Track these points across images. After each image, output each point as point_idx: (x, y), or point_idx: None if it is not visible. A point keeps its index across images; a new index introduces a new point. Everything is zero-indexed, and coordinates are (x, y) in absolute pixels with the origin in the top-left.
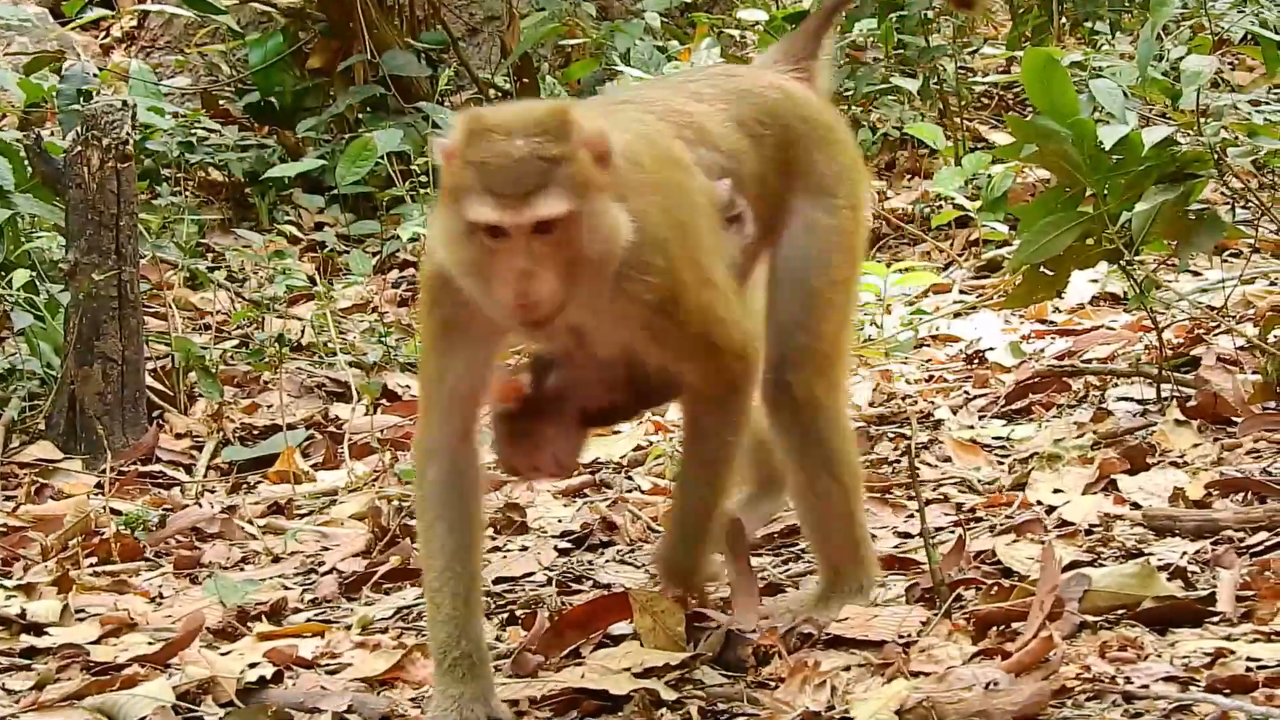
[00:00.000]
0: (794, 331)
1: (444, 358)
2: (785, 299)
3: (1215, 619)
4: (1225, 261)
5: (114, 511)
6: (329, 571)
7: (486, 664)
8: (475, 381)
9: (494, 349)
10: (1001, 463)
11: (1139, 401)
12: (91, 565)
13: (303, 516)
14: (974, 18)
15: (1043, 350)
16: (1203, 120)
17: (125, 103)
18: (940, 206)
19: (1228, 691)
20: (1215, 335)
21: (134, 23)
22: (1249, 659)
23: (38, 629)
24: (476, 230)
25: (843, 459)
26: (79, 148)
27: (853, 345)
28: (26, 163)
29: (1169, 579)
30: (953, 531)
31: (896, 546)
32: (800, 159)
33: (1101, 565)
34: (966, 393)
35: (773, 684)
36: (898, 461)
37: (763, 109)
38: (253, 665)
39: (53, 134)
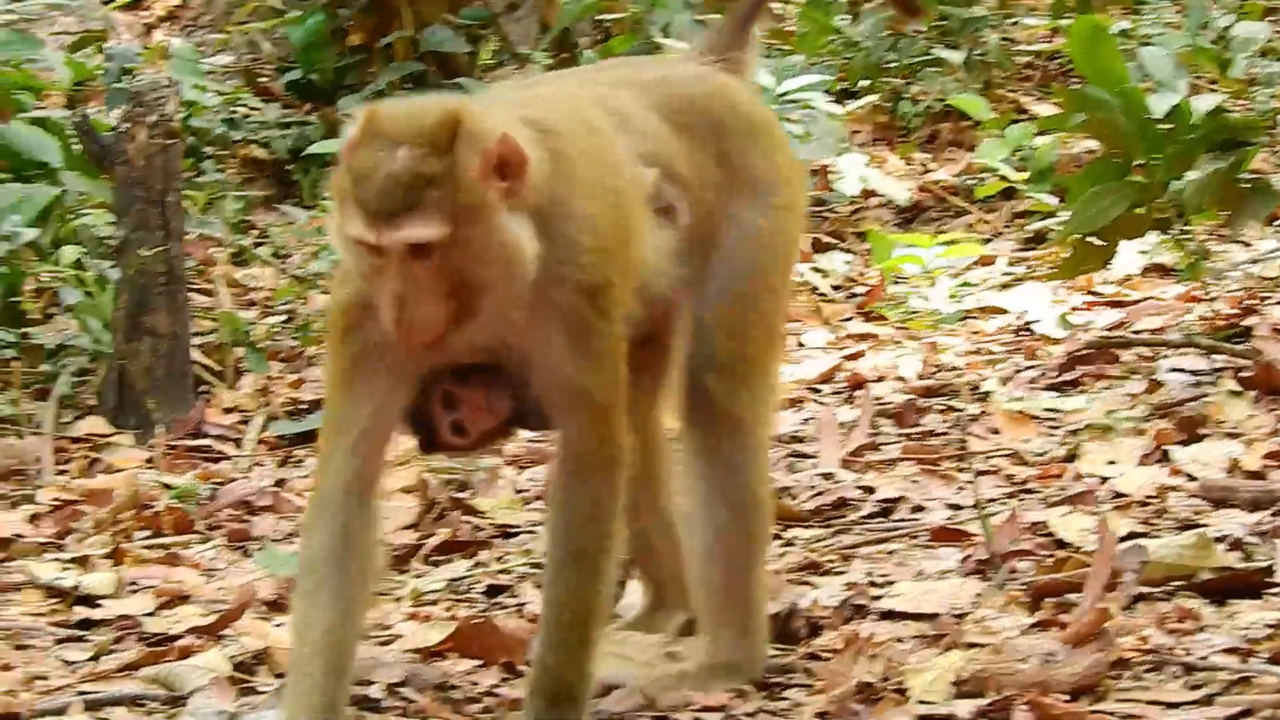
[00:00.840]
0: (717, 334)
1: (354, 396)
2: (710, 300)
3: (1274, 590)
4: (1277, 231)
5: (165, 485)
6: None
7: None
8: (384, 423)
9: (409, 384)
10: (1052, 434)
11: (1191, 372)
12: (143, 538)
13: None
14: None
15: (1092, 322)
16: (1253, 88)
17: (170, 80)
18: (985, 178)
19: None
20: (1268, 305)
21: (176, 1)
22: None
23: (92, 601)
24: (353, 244)
25: (752, 497)
26: (125, 125)
27: (780, 368)
28: (73, 140)
29: (1226, 550)
30: (1005, 503)
31: (948, 518)
32: (731, 155)
33: (1157, 537)
34: (1015, 365)
35: (826, 656)
36: (947, 434)
37: (686, 99)
38: None
39: (98, 112)
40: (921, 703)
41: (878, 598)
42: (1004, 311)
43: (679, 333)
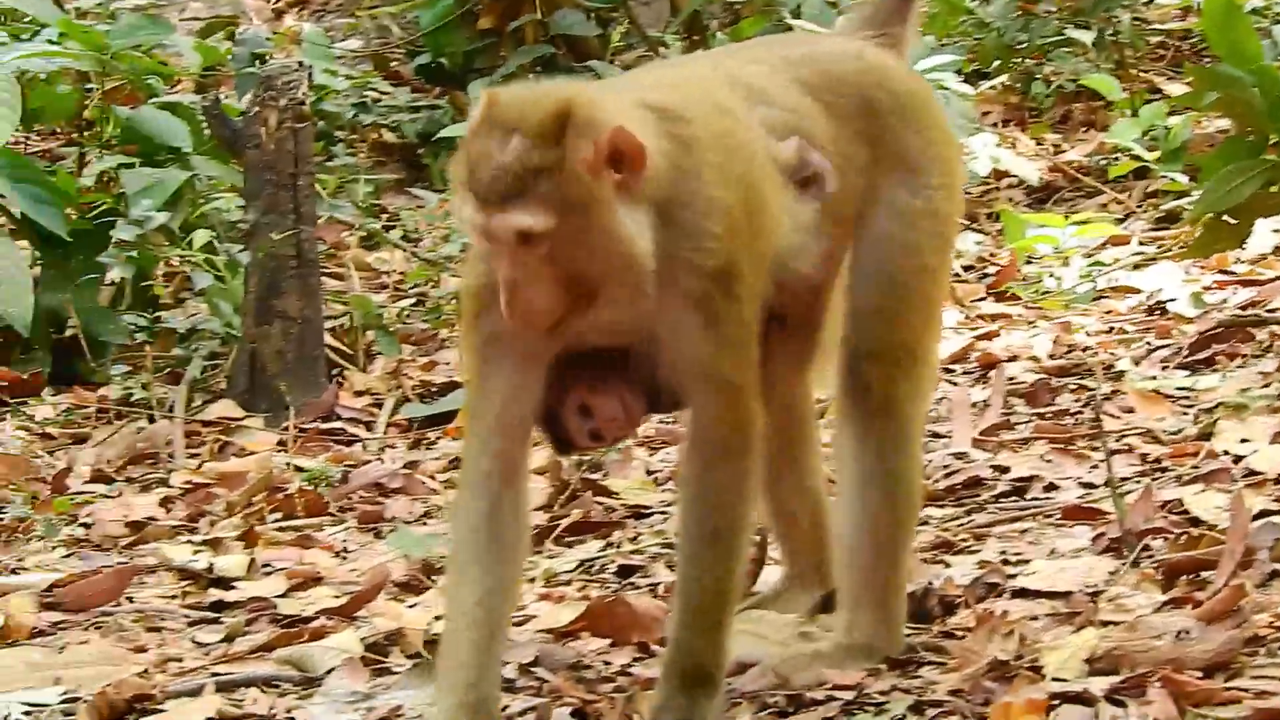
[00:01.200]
0: (875, 322)
1: (488, 382)
2: (867, 286)
3: None
4: None
5: (297, 468)
6: None
7: (496, 715)
8: (520, 405)
9: (541, 367)
10: (1186, 413)
11: None
12: (276, 521)
13: None
14: None
15: (1225, 300)
16: None
17: (301, 64)
18: (1117, 158)
19: None
20: None
21: None
22: None
23: (225, 583)
24: (467, 228)
25: (904, 481)
26: (256, 109)
27: (939, 349)
28: (205, 125)
29: None
30: (1138, 482)
31: (1081, 497)
32: (884, 134)
33: None
34: (1148, 344)
35: (959, 634)
36: (1080, 413)
37: (834, 77)
38: (438, 618)
39: (228, 97)
40: (1055, 680)
41: (1011, 576)
42: (1137, 291)
43: (829, 312)
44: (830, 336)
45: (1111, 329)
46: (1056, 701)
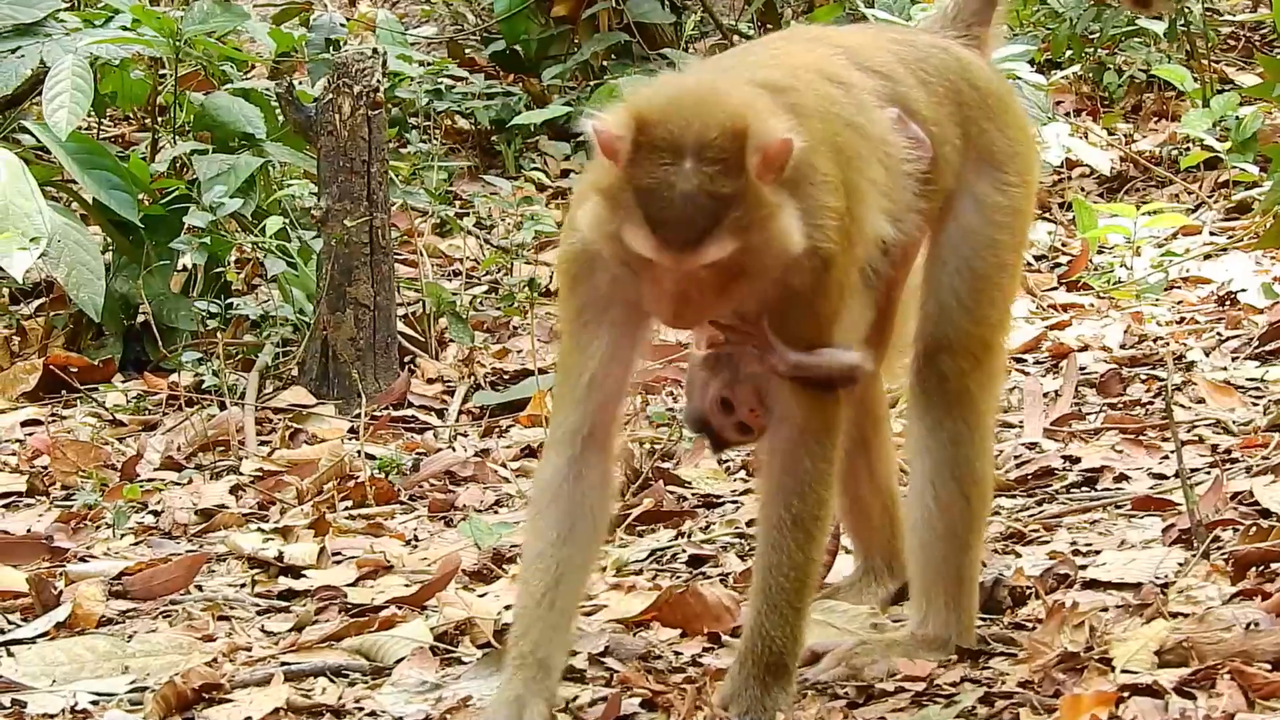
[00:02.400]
0: (956, 313)
1: (583, 345)
2: (948, 278)
3: None
4: None
5: (368, 456)
6: None
7: (555, 673)
8: (616, 371)
9: (640, 335)
10: (1256, 404)
11: None
12: (346, 509)
13: None
14: None
15: None
16: None
17: (375, 50)
18: (1189, 148)
19: None
20: None
21: None
22: None
23: (295, 571)
24: (636, 255)
25: (976, 472)
26: (330, 96)
27: (1009, 336)
28: (278, 111)
29: None
30: (1209, 472)
31: (1152, 488)
32: (970, 126)
33: None
34: (1219, 334)
35: (1030, 625)
36: (1151, 403)
37: (928, 61)
38: (508, 607)
39: (302, 83)
40: (1125, 672)
41: (1082, 567)
42: (1208, 281)
43: (900, 296)
44: (899, 331)
45: (1183, 319)
46: (1126, 694)
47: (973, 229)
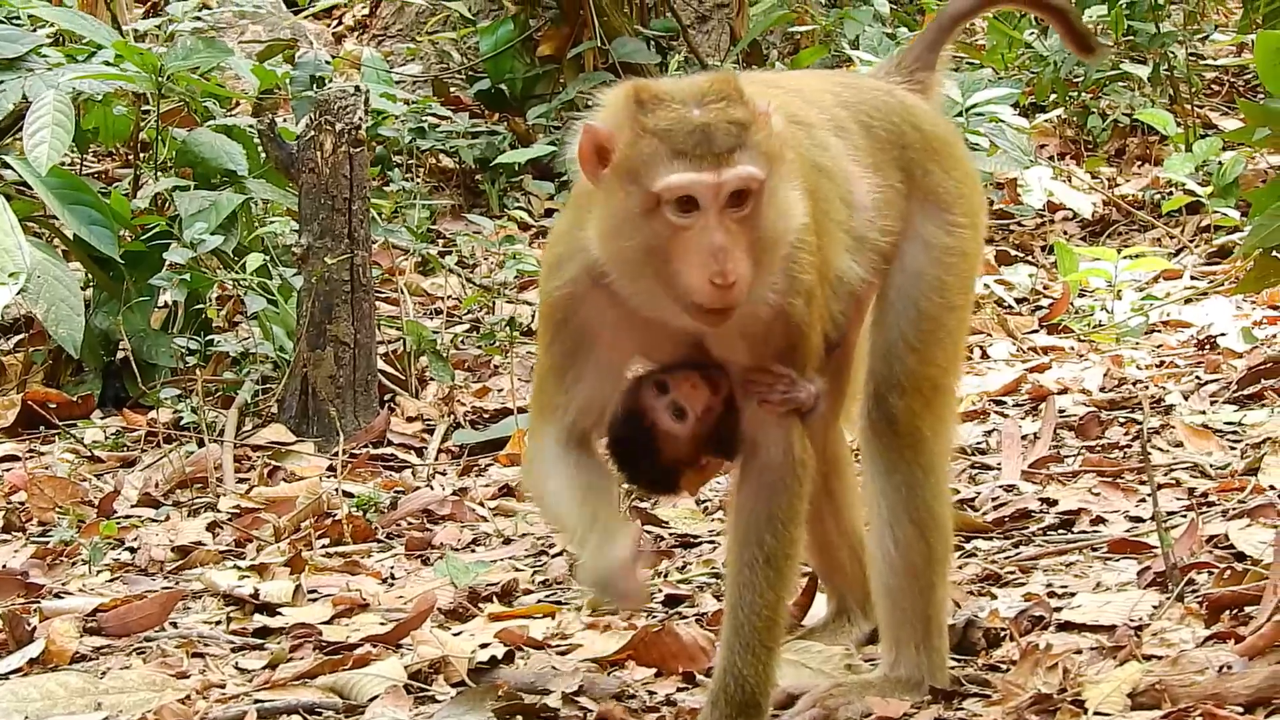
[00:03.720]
0: (903, 353)
1: (565, 386)
2: (895, 318)
3: None
4: None
5: (346, 494)
6: (559, 553)
7: (625, 525)
8: (603, 400)
9: (619, 377)
10: (1234, 448)
11: None
12: (323, 546)
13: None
14: (1204, 4)
15: (1275, 336)
16: None
17: (358, 88)
18: (1171, 192)
19: None
20: None
21: (365, 11)
22: None
23: (271, 609)
24: (661, 206)
25: (934, 514)
26: (312, 133)
27: (961, 383)
28: (260, 148)
29: None
30: (1185, 516)
31: (1128, 531)
32: (914, 168)
33: None
34: (1198, 378)
35: (1004, 666)
36: (1129, 446)
37: (870, 103)
38: (484, 645)
39: (286, 120)
40: (1098, 714)
41: (1057, 609)
42: (1188, 325)
43: (856, 344)
44: (856, 378)
45: (1162, 363)
46: None
47: (920, 270)
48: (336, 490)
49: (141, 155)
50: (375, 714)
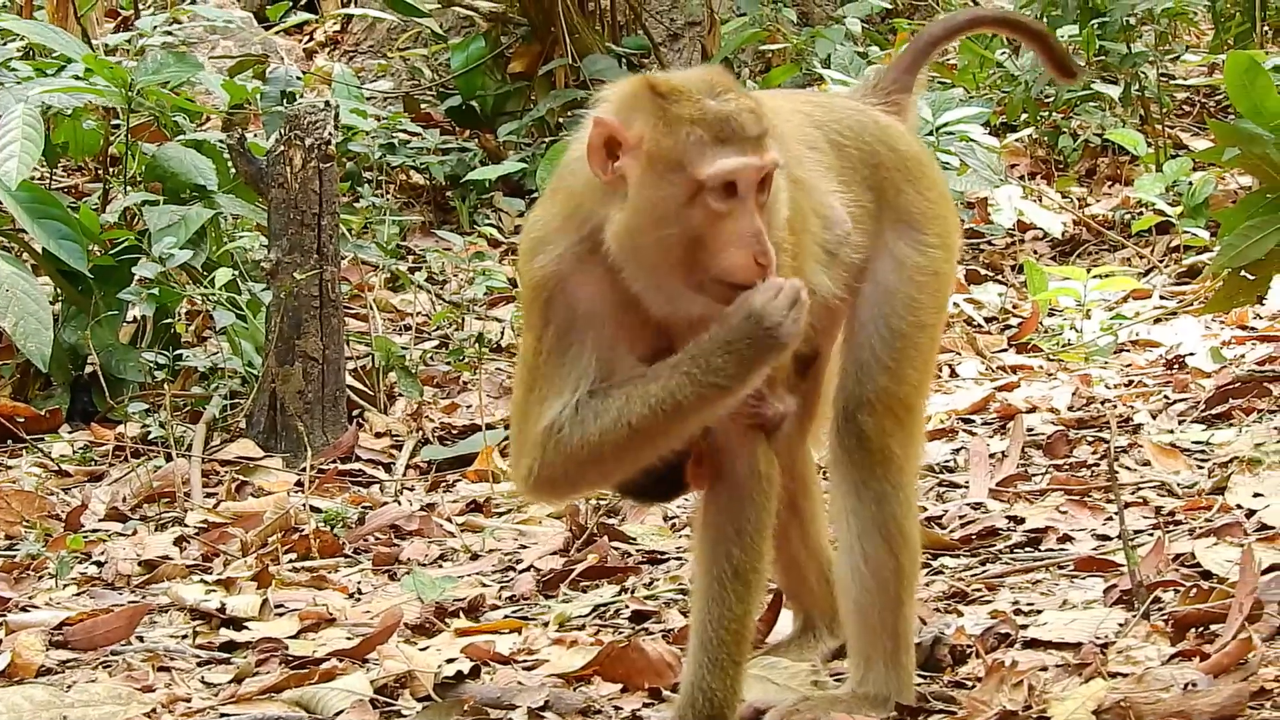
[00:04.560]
0: (875, 372)
1: (568, 360)
2: (866, 336)
3: None
4: None
5: (313, 509)
6: (527, 569)
7: None
8: (606, 372)
9: (617, 364)
10: (1201, 467)
11: None
12: (291, 561)
13: (501, 515)
14: (1176, 25)
15: (1243, 356)
16: None
17: (328, 103)
18: (1141, 212)
19: None
20: None
21: (337, 27)
22: None
23: (237, 623)
24: (704, 193)
25: (902, 530)
26: (281, 148)
27: (930, 400)
28: (230, 163)
29: None
30: (1151, 534)
31: (1095, 549)
32: (887, 188)
33: None
34: (1166, 397)
35: (969, 683)
36: (1096, 465)
37: (844, 123)
38: (450, 661)
39: (256, 135)
40: None
41: (1023, 626)
42: (1157, 345)
43: (827, 365)
44: (827, 399)
45: (1131, 382)
46: None
47: (892, 288)
48: (304, 505)
49: (111, 170)
50: None
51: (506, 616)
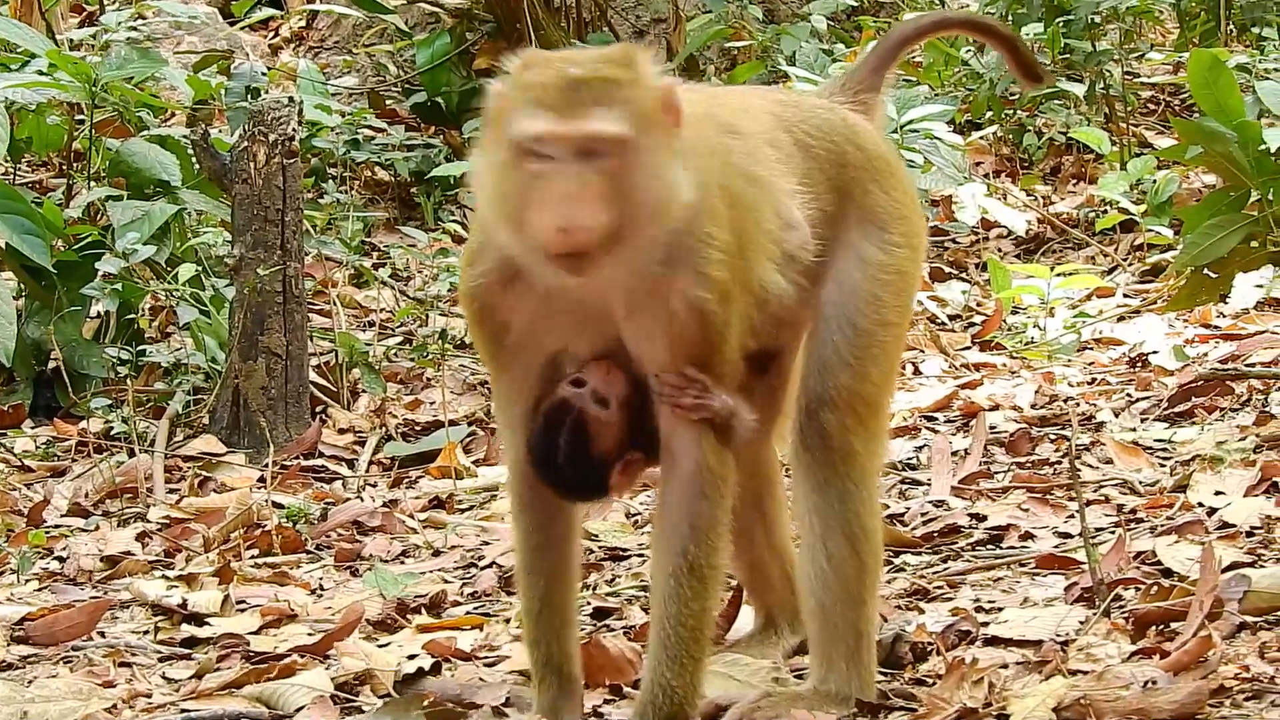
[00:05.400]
0: (837, 369)
1: (509, 368)
2: (830, 334)
3: None
4: None
5: (276, 505)
6: (488, 565)
7: (575, 670)
8: (529, 396)
9: (543, 372)
10: (1163, 465)
11: None
12: (253, 557)
13: (463, 511)
14: (1140, 23)
15: (1206, 354)
16: None
17: (291, 99)
18: (1105, 210)
19: None
20: None
21: (302, 23)
22: None
23: (199, 619)
24: (519, 154)
25: (865, 528)
26: (246, 143)
27: (893, 399)
28: (194, 158)
29: None
30: (1113, 532)
31: (1056, 546)
32: (854, 187)
33: (1262, 567)
34: (1129, 395)
35: (930, 680)
36: (1059, 463)
37: (810, 123)
38: (411, 657)
39: (220, 131)
40: None
41: (984, 624)
42: (1120, 343)
43: (793, 364)
44: (791, 397)
45: (1094, 380)
46: None
47: (855, 286)
48: (267, 501)
49: (75, 165)
50: None
51: (468, 613)
